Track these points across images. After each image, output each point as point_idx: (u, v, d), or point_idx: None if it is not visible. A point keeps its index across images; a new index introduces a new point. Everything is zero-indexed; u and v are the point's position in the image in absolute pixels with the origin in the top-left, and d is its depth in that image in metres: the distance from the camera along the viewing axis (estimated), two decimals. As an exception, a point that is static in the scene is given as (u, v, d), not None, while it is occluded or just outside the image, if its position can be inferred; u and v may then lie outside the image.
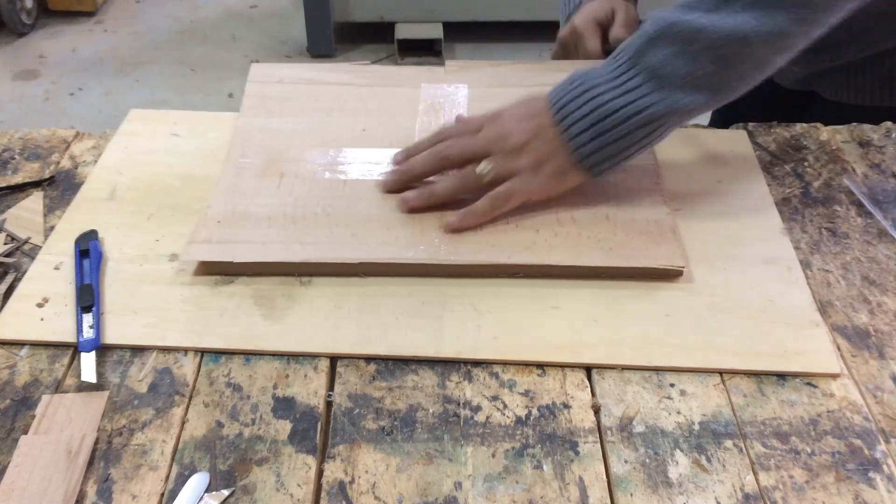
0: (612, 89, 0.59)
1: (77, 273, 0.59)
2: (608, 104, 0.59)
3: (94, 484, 0.47)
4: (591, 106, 0.59)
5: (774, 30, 0.55)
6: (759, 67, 0.58)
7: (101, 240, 0.63)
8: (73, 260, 0.61)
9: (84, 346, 0.54)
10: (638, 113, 0.58)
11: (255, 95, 0.75)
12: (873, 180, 0.71)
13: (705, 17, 0.57)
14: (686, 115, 0.60)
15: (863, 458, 0.49)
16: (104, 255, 0.61)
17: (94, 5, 2.90)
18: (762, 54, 0.57)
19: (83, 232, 0.63)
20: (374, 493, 0.47)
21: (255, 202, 0.64)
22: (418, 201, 0.63)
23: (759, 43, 0.56)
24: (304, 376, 0.54)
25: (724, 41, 0.56)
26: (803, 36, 0.57)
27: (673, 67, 0.57)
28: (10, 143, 0.74)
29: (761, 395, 0.53)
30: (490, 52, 2.74)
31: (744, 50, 0.56)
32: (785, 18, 0.55)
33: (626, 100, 0.58)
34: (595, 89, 0.60)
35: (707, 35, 0.56)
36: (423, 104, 0.75)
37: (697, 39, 0.56)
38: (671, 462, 0.49)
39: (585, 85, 0.60)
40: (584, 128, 0.60)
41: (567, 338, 0.55)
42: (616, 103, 0.59)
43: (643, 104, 0.58)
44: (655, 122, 0.59)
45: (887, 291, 0.60)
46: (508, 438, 0.50)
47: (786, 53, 0.58)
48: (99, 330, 0.55)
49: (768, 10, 0.55)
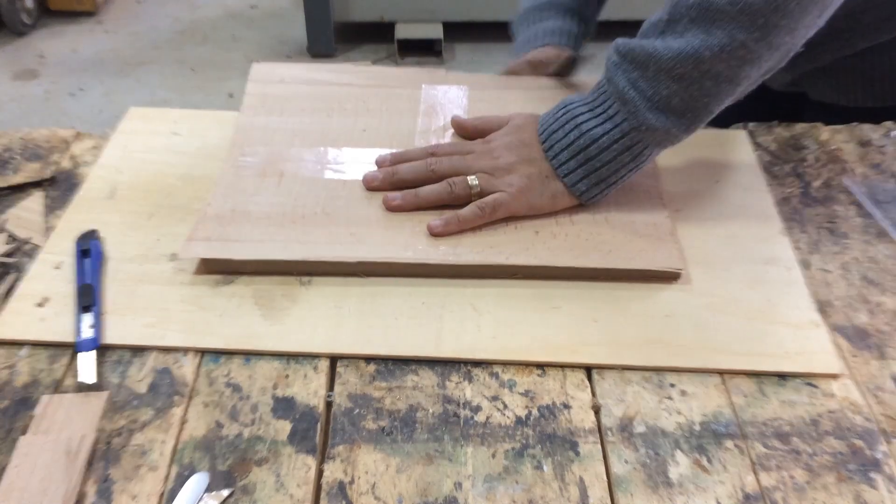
0: (593, 118, 0.61)
1: (78, 273, 0.59)
2: (590, 132, 0.60)
3: (93, 484, 0.47)
4: (575, 134, 0.61)
5: (723, 43, 0.55)
6: (727, 81, 0.57)
7: (102, 239, 0.63)
8: (73, 260, 0.61)
9: (83, 346, 0.54)
10: (619, 139, 0.60)
11: (255, 95, 0.75)
12: (873, 180, 0.71)
13: (657, 40, 0.58)
14: (665, 137, 0.60)
15: (864, 459, 0.49)
16: (105, 254, 0.61)
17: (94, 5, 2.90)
18: (721, 69, 0.56)
19: (84, 231, 0.63)
20: (373, 493, 0.47)
21: (255, 201, 0.64)
22: (402, 202, 0.63)
23: (711, 58, 0.56)
24: (304, 376, 0.54)
25: (676, 61, 0.56)
26: (762, 43, 0.55)
27: (638, 91, 0.59)
28: (10, 143, 0.74)
29: (762, 395, 0.53)
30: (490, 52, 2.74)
31: (699, 67, 0.56)
32: (727, 31, 0.55)
33: (606, 128, 0.60)
34: (578, 118, 0.61)
35: (659, 57, 0.57)
36: (424, 105, 0.75)
37: (652, 62, 0.58)
38: (671, 462, 0.49)
39: (570, 114, 0.62)
40: (571, 156, 0.62)
41: (567, 338, 0.55)
42: (597, 131, 0.60)
43: (622, 130, 0.59)
44: (636, 146, 0.60)
45: (887, 291, 0.60)
46: (508, 439, 0.50)
47: (754, 65, 0.57)
48: (99, 330, 0.55)
49: (707, 26, 0.55)
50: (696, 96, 0.57)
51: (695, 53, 0.56)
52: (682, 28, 0.57)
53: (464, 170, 0.64)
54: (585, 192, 0.62)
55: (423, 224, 0.62)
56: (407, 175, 0.65)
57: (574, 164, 0.61)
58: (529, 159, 0.63)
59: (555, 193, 0.62)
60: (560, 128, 0.62)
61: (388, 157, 0.68)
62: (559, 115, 0.63)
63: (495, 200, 0.62)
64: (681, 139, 0.61)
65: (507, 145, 0.65)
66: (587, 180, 0.62)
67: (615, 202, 0.64)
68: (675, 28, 0.57)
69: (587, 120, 0.61)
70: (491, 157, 0.64)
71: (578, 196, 0.62)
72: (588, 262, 0.59)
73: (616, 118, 0.60)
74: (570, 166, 0.62)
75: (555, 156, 0.62)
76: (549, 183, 0.62)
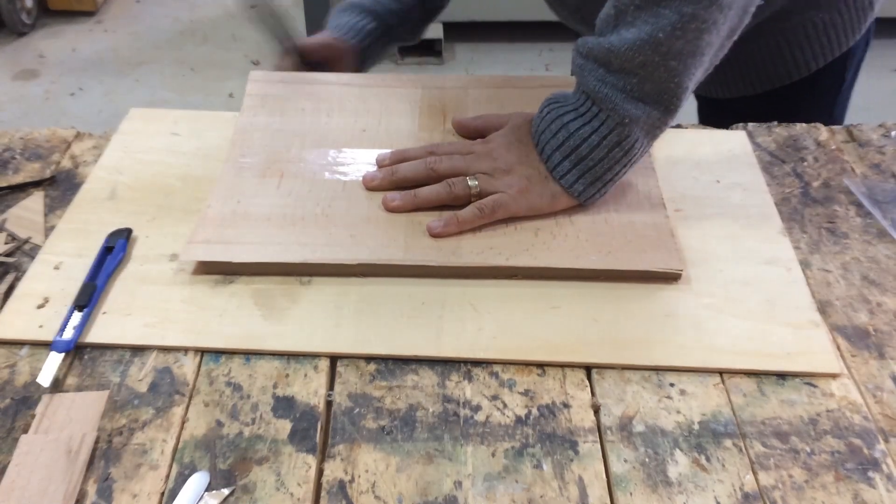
0: (578, 117, 0.61)
1: (91, 268, 0.59)
2: (578, 132, 0.61)
3: (94, 483, 0.47)
4: (563, 135, 0.61)
5: (673, 20, 0.55)
6: (690, 56, 0.57)
7: (133, 239, 0.63)
8: (73, 260, 0.61)
9: (57, 346, 0.53)
10: (607, 135, 0.60)
11: (255, 95, 0.75)
12: (873, 180, 0.71)
13: (611, 35, 0.58)
14: (650, 124, 0.60)
15: (862, 458, 0.49)
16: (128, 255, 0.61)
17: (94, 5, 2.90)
18: (680, 46, 0.56)
19: (118, 228, 0.63)
20: (373, 492, 0.47)
21: (255, 202, 0.64)
22: (401, 203, 0.63)
23: (666, 38, 0.55)
24: (304, 376, 0.54)
25: (634, 51, 0.57)
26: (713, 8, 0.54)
27: (610, 86, 0.59)
28: (10, 142, 0.75)
29: (761, 394, 0.53)
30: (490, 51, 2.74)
31: (658, 50, 0.56)
32: (674, 8, 0.55)
33: (593, 126, 0.60)
34: (563, 118, 0.62)
35: (617, 50, 0.57)
36: (424, 105, 0.75)
37: (612, 57, 0.58)
38: (671, 461, 0.49)
39: (554, 114, 0.62)
40: (563, 157, 0.62)
41: (567, 337, 0.56)
42: (585, 130, 0.60)
43: (608, 127, 0.59)
44: (625, 140, 0.60)
45: (887, 291, 0.60)
46: (508, 438, 0.50)
47: (712, 32, 0.56)
48: (80, 333, 0.55)
49: (654, 9, 0.56)
50: (666, 78, 0.57)
51: (650, 39, 0.56)
52: (631, 17, 0.57)
53: (463, 170, 0.64)
54: (583, 192, 0.62)
55: (423, 225, 0.62)
56: (406, 174, 0.65)
57: (568, 164, 0.61)
58: (528, 159, 0.63)
59: (554, 194, 0.63)
60: (547, 128, 0.62)
61: (387, 156, 0.68)
62: (545, 115, 0.63)
63: (495, 201, 0.62)
64: (668, 123, 0.60)
65: (507, 145, 0.65)
66: (583, 180, 0.62)
67: (615, 203, 0.64)
68: (624, 19, 0.57)
69: (573, 119, 0.61)
70: (490, 157, 0.64)
71: (577, 196, 0.63)
72: (588, 264, 0.59)
73: (600, 116, 0.60)
74: (564, 167, 0.62)
75: (548, 158, 0.62)
76: (547, 184, 0.62)
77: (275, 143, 0.70)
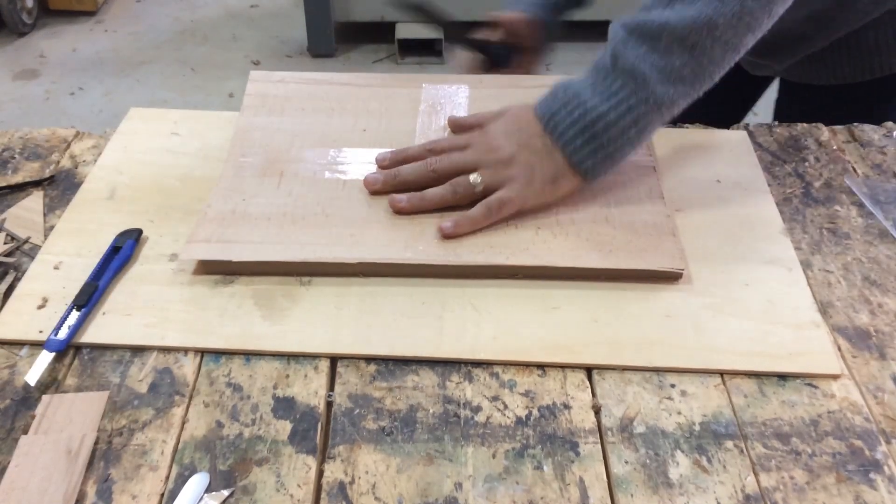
0: (596, 94, 0.60)
1: (96, 267, 0.59)
2: (596, 109, 0.60)
3: (94, 484, 0.47)
4: (579, 112, 0.61)
5: (735, 9, 0.56)
6: (732, 49, 0.58)
7: (143, 239, 0.63)
8: (72, 260, 0.61)
9: (50, 345, 0.53)
10: (625, 114, 0.59)
11: (255, 95, 0.75)
12: (874, 180, 0.71)
13: (666, 11, 0.58)
14: (671, 109, 0.60)
15: (863, 459, 0.49)
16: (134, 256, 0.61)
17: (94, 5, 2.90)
18: (729, 36, 0.57)
19: (129, 228, 0.63)
20: (374, 493, 0.47)
21: (255, 202, 0.64)
22: (408, 205, 0.63)
23: (723, 25, 0.56)
24: (305, 376, 0.54)
25: (690, 30, 0.57)
26: (765, 12, 0.56)
27: (648, 65, 0.58)
28: (10, 142, 0.74)
29: (762, 395, 0.53)
30: (490, 52, 2.74)
31: (712, 34, 0.56)
32: None
33: (612, 103, 0.60)
34: (580, 96, 0.61)
35: (672, 27, 0.57)
36: (424, 104, 0.75)
37: (664, 33, 0.57)
38: (672, 463, 0.49)
39: (570, 93, 0.62)
40: (577, 133, 0.61)
41: (567, 338, 0.55)
42: (603, 108, 0.60)
43: (629, 105, 0.59)
44: (643, 119, 0.60)
45: (888, 292, 0.60)
46: (509, 439, 0.50)
47: (754, 32, 0.58)
48: (74, 333, 0.55)
49: None
50: (705, 64, 0.58)
51: (709, 21, 0.56)
52: None
53: (464, 166, 0.63)
54: (592, 170, 0.62)
55: (423, 224, 0.62)
56: (408, 177, 0.65)
57: (581, 141, 0.61)
58: (528, 142, 0.63)
59: (556, 177, 0.62)
60: (562, 107, 0.62)
61: (387, 156, 0.67)
62: (559, 97, 0.62)
63: (500, 199, 0.61)
64: (680, 110, 0.61)
65: (505, 134, 0.64)
66: (595, 157, 0.61)
67: (615, 202, 0.64)
68: None
69: (590, 97, 0.60)
70: (489, 147, 0.64)
71: (584, 174, 0.62)
72: (589, 263, 0.59)
73: (621, 93, 0.59)
74: (576, 144, 0.61)
75: (560, 135, 0.61)
76: (550, 164, 0.62)
77: (275, 143, 0.70)
